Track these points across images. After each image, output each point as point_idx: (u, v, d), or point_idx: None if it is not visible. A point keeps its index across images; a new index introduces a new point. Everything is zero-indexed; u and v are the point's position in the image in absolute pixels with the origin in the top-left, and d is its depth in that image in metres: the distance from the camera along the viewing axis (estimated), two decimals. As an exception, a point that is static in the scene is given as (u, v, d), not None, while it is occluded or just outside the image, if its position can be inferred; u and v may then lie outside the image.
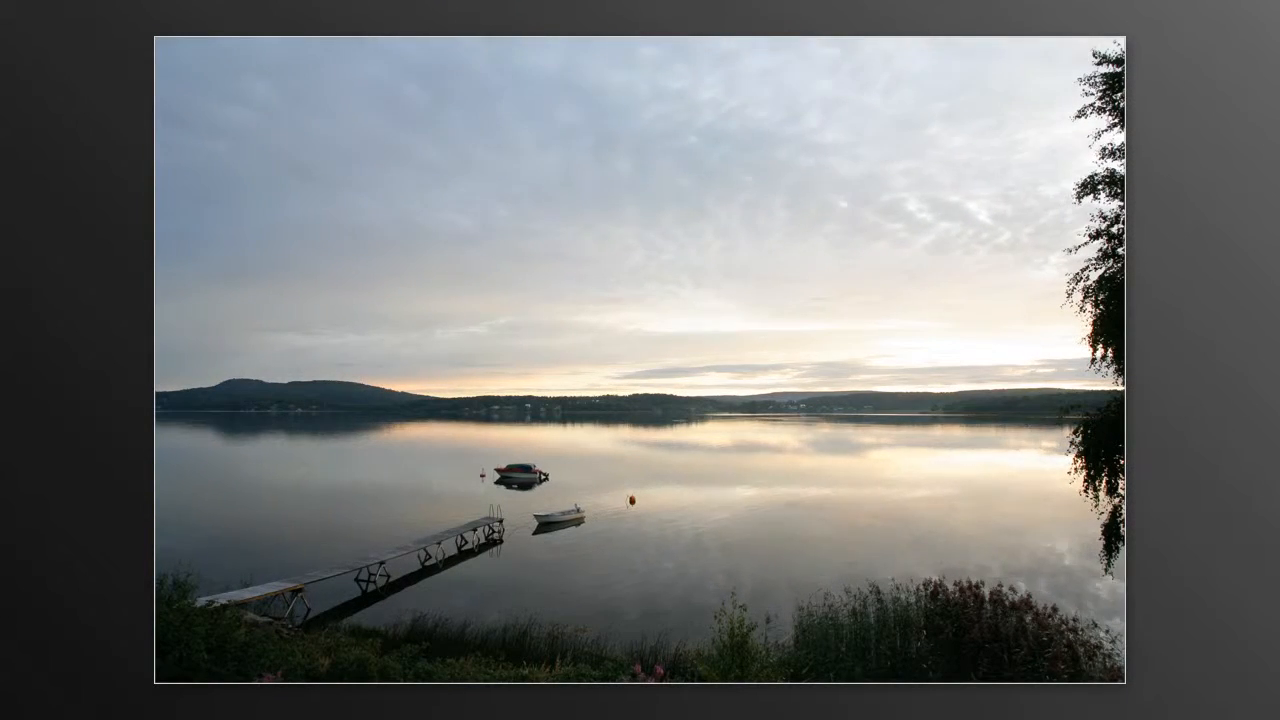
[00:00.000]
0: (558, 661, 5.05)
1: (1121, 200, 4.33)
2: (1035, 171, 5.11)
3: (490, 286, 7.13)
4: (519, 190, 5.48)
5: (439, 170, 5.42)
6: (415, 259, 6.64)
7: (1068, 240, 5.01)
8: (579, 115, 4.87)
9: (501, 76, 4.82)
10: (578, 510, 8.45)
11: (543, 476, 9.09)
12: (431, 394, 8.71)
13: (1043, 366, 6.85)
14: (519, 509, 8.51)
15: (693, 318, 7.13)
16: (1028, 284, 6.09)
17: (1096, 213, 5.15)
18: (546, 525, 8.38)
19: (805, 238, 5.71)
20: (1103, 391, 5.11)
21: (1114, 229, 5.07)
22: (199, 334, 6.86)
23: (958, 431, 9.06)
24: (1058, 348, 6.16)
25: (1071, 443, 5.61)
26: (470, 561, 7.96)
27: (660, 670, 4.24)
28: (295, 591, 6.67)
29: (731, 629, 4.41)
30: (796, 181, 5.40)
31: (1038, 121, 4.86)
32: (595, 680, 4.31)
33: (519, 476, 9.07)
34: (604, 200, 5.75)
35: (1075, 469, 5.56)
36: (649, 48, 4.65)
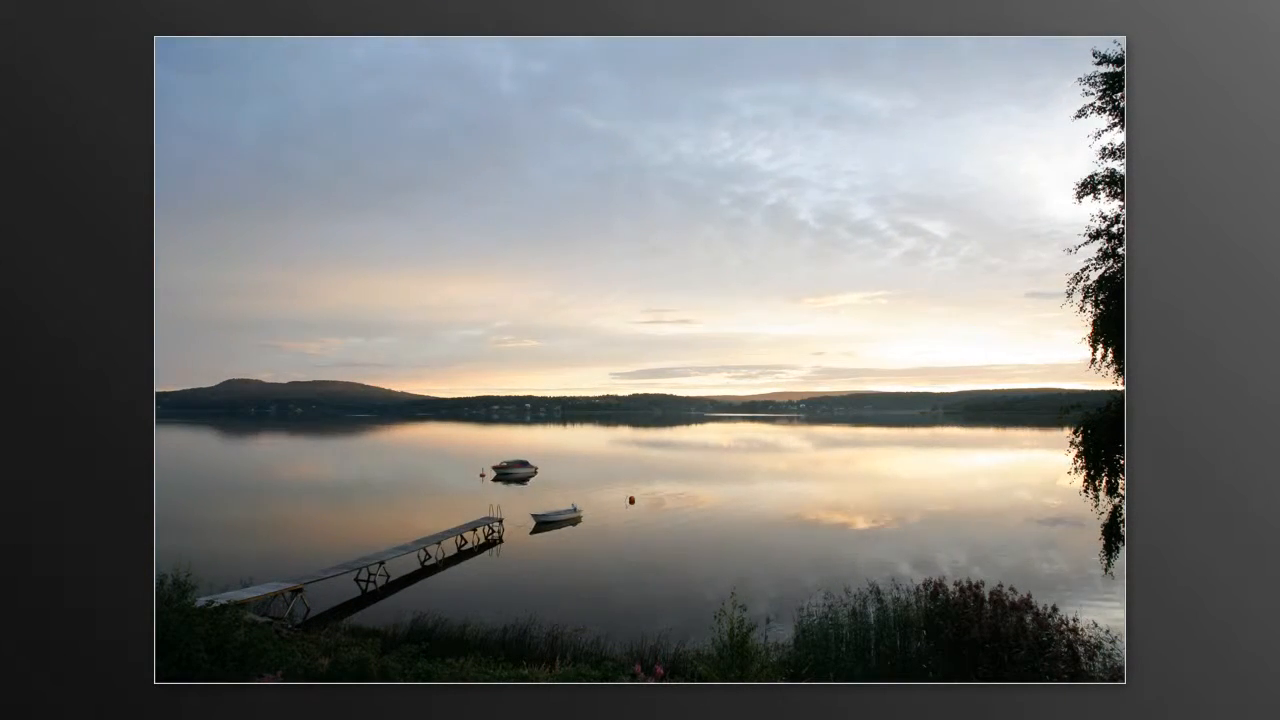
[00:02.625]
0: (558, 661, 5.05)
1: (1121, 200, 4.33)
2: (984, 201, 6.15)
3: (494, 293, 7.56)
4: (530, 214, 6.43)
5: (469, 198, 6.37)
6: (428, 272, 7.17)
7: (1025, 253, 6.09)
8: (589, 155, 5.95)
9: (532, 123, 5.87)
10: (575, 510, 8.46)
11: (534, 470, 9.18)
12: (431, 394, 8.72)
13: (1041, 366, 6.94)
14: (520, 509, 8.52)
15: (689, 322, 7.50)
16: (1004, 289, 6.72)
17: (1097, 213, 5.16)
18: (544, 525, 8.39)
19: (786, 250, 6.55)
20: (1103, 391, 5.11)
21: (1114, 229, 5.07)
22: (200, 335, 6.90)
23: (954, 431, 9.08)
24: (1055, 349, 6.50)
25: (1071, 443, 5.61)
26: (470, 561, 7.96)
27: (660, 670, 4.24)
28: (295, 591, 6.66)
29: (731, 629, 4.41)
30: (773, 205, 6.32)
31: (988, 167, 5.90)
32: (595, 680, 4.31)
33: (518, 472, 9.11)
34: (603, 220, 6.60)
35: (1075, 469, 5.56)
36: (657, 103, 5.68)
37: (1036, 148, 5.66)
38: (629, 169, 6.13)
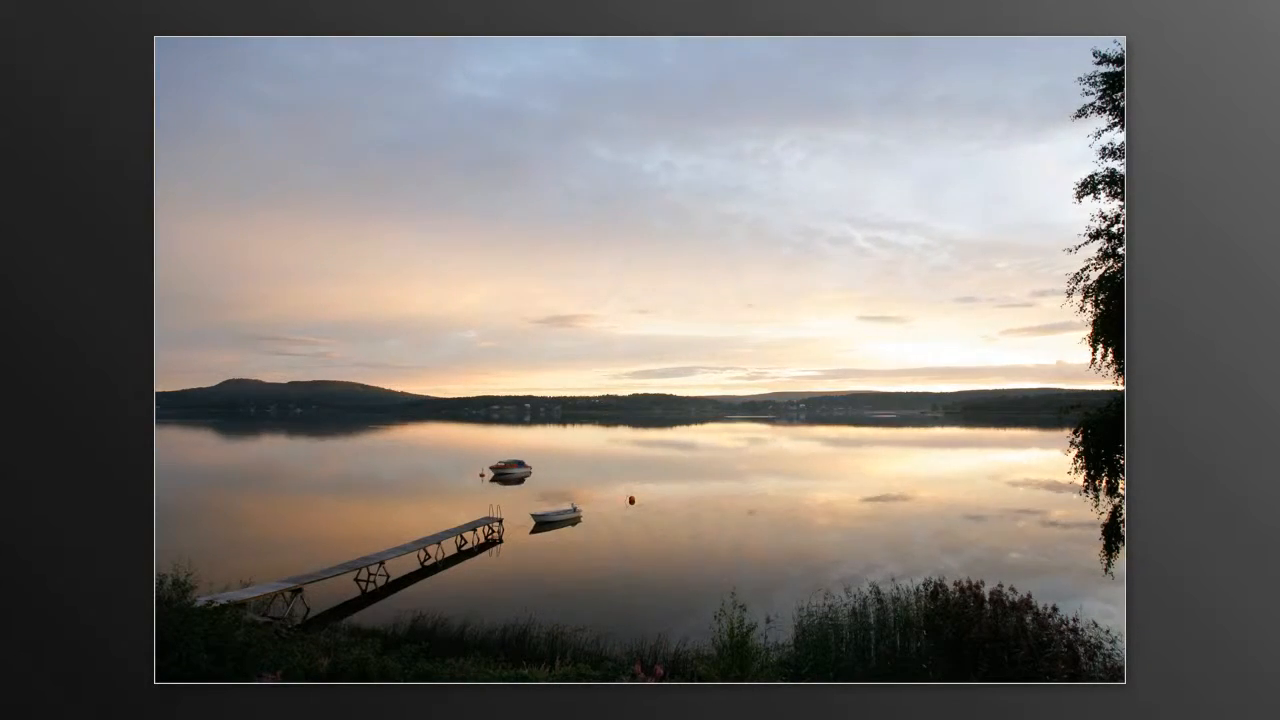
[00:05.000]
0: (557, 661, 5.05)
1: (1121, 200, 4.33)
2: (954, 221, 6.94)
3: (496, 297, 7.86)
4: (537, 230, 7.11)
5: (484, 214, 7.06)
6: (436, 278, 7.64)
7: (989, 264, 6.81)
8: (598, 179, 6.75)
9: (552, 153, 6.67)
10: (574, 510, 8.48)
11: (529, 470, 9.24)
12: (431, 394, 8.74)
13: (1042, 367, 7.06)
14: (520, 509, 8.53)
15: (686, 325, 7.76)
16: (983, 290, 7.20)
17: (1097, 213, 5.16)
18: (544, 525, 8.40)
19: (769, 259, 7.18)
20: (1103, 391, 5.11)
21: (1114, 229, 5.07)
22: (200, 335, 6.93)
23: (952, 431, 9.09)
24: (1043, 351, 6.96)
25: (1071, 443, 5.61)
26: (470, 561, 7.97)
27: (660, 670, 4.24)
28: (295, 591, 6.66)
29: (731, 629, 4.42)
30: (756, 219, 7.02)
31: (957, 204, 6.69)
32: (595, 680, 4.31)
33: (515, 472, 9.14)
34: (607, 233, 7.23)
35: (1075, 469, 5.56)
36: (664, 141, 6.43)
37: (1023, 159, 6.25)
38: (633, 191, 6.90)
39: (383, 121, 6.46)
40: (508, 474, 9.10)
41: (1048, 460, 8.72)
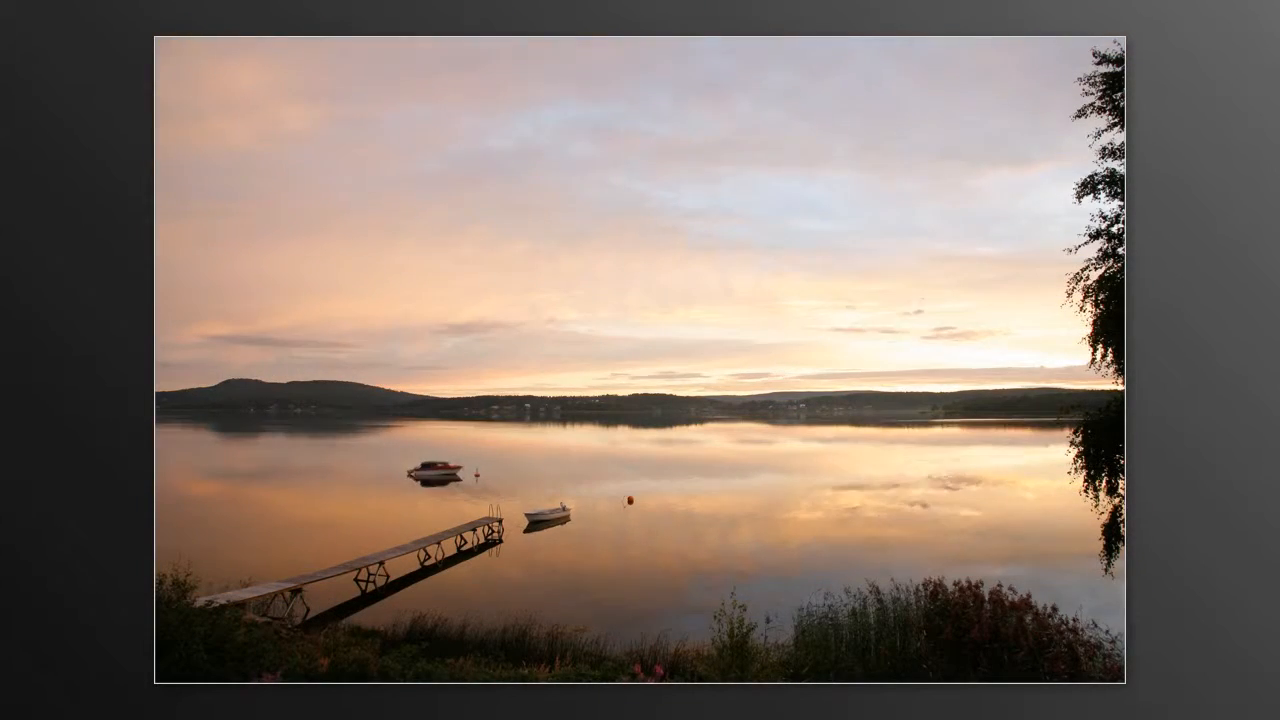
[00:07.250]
0: (557, 661, 5.05)
1: (1121, 200, 4.33)
2: (942, 228, 7.21)
3: (497, 301, 8.01)
4: (543, 241, 7.63)
5: (495, 232, 7.55)
6: (441, 284, 7.82)
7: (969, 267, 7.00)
8: (601, 202, 7.38)
9: (569, 182, 7.26)
10: (564, 509, 8.55)
11: (459, 475, 9.06)
12: (431, 394, 8.75)
13: (1043, 368, 7.10)
14: (515, 508, 8.54)
15: (685, 326, 7.96)
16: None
17: (1097, 213, 5.16)
18: (536, 523, 8.44)
19: (769, 267, 7.63)
20: (1103, 391, 5.11)
21: (1114, 229, 5.07)
22: (198, 336, 6.95)
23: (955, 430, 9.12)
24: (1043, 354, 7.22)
25: (1071, 443, 5.60)
26: (470, 561, 7.96)
27: (660, 670, 4.24)
28: (295, 591, 6.66)
29: (731, 629, 4.42)
30: (753, 234, 7.53)
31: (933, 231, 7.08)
32: (595, 680, 4.31)
33: (438, 474, 8.98)
34: (610, 247, 7.69)
35: (1075, 469, 5.56)
36: (672, 173, 7.08)
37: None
38: (636, 209, 7.41)
39: (401, 147, 6.93)
40: (430, 476, 8.90)
41: (999, 457, 9.02)
